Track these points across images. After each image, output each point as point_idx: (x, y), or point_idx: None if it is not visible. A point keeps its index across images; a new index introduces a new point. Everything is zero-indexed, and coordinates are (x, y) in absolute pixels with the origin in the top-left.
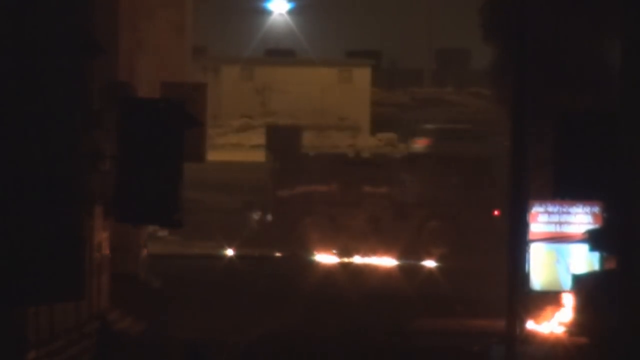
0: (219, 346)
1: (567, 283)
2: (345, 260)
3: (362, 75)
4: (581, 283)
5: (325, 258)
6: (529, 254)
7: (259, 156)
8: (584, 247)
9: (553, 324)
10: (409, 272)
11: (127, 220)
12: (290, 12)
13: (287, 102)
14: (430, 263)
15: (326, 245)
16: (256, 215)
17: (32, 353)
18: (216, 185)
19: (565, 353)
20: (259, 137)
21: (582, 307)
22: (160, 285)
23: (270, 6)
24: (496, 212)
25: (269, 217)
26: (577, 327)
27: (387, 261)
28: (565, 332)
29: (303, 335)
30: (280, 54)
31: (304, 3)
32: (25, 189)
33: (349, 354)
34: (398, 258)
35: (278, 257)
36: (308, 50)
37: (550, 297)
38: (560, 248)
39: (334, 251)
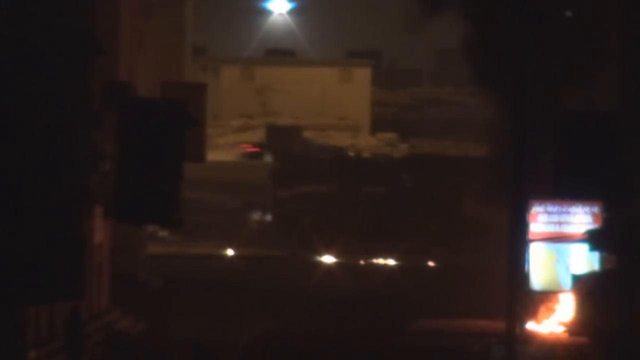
0: (223, 346)
1: (567, 283)
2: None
3: (362, 75)
4: (581, 283)
5: (326, 258)
6: (529, 254)
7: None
8: (584, 247)
9: (553, 324)
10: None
11: (127, 220)
12: (290, 12)
13: (287, 102)
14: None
15: (326, 245)
16: (256, 215)
17: (33, 353)
18: (216, 185)
19: (565, 353)
20: (259, 137)
21: (582, 307)
22: (160, 285)
23: (270, 6)
24: None
25: (269, 217)
26: (577, 327)
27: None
28: (565, 332)
29: (303, 335)
30: (280, 54)
31: (304, 3)
32: (25, 189)
33: (350, 353)
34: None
35: (278, 257)
36: (308, 50)
37: (549, 297)
38: (560, 248)
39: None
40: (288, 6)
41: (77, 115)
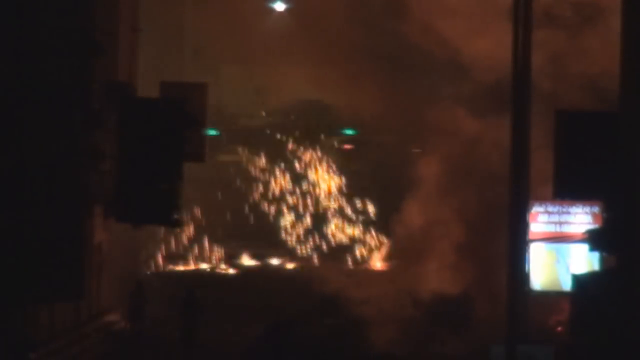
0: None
1: (567, 283)
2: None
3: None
4: (581, 283)
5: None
6: (529, 254)
7: None
8: (584, 247)
9: (553, 324)
10: None
11: (127, 220)
12: (290, 10)
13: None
14: None
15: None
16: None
17: (33, 353)
18: (216, 185)
19: (565, 353)
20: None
21: (582, 307)
22: (160, 285)
23: (270, 6)
24: None
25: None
26: (577, 327)
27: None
28: (565, 332)
29: (303, 335)
30: (279, 54)
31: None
32: (25, 189)
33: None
34: None
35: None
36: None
37: (550, 298)
38: (560, 248)
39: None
40: (288, 6)
41: (77, 115)
